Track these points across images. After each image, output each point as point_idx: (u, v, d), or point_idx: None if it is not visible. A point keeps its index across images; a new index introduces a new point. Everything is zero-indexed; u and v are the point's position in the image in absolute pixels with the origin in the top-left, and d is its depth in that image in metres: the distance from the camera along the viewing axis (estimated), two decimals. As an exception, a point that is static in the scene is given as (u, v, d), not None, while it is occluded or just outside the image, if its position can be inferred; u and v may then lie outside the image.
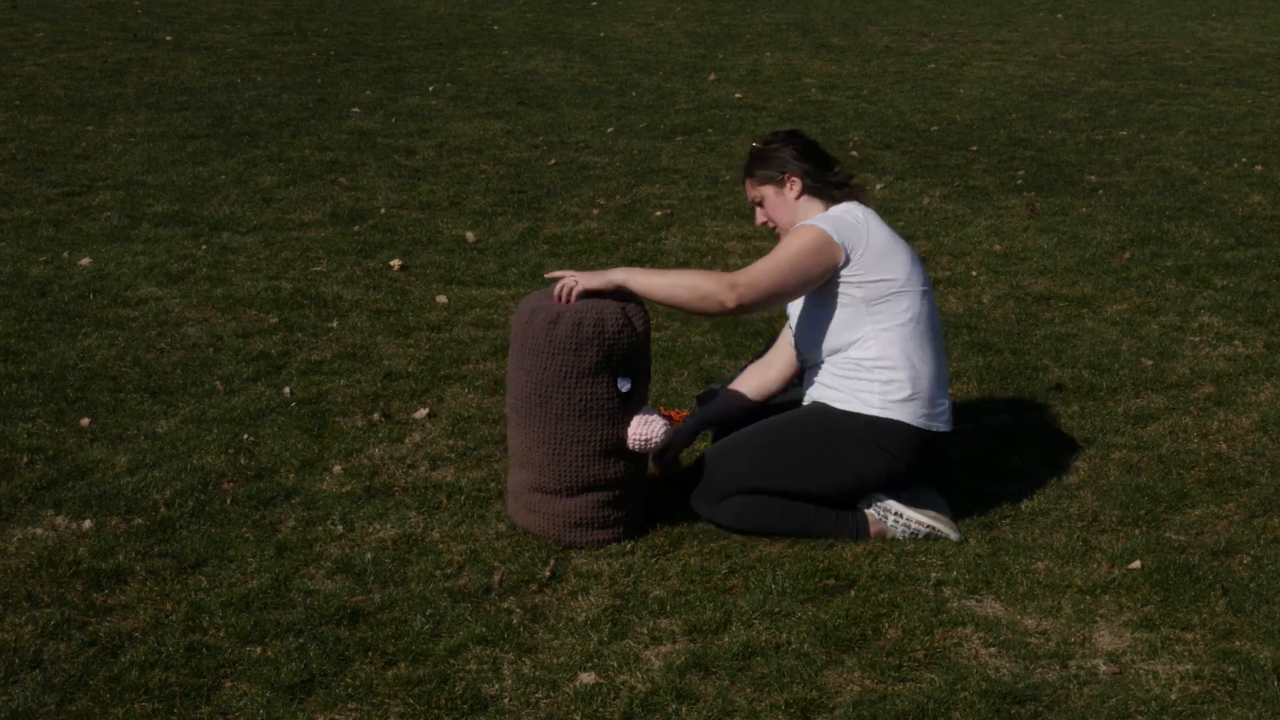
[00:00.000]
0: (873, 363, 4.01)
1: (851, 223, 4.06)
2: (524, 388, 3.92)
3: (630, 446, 3.94)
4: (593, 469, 3.91)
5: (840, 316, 4.04)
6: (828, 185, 4.17)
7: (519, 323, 3.96)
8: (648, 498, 4.09)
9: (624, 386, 3.90)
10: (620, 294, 3.95)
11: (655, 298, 3.97)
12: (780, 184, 4.18)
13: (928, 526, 4.03)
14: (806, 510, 4.04)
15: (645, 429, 3.93)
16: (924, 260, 6.51)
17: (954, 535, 4.05)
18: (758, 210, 4.26)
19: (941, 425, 4.10)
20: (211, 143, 8.35)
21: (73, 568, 3.76)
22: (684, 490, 4.13)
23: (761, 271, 3.99)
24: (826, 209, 4.15)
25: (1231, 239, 6.86)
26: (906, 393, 4.01)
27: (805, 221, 4.08)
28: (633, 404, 3.94)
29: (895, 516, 4.05)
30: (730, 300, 3.93)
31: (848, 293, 4.03)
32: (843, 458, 4.02)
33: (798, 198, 4.17)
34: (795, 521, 4.03)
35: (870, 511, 4.07)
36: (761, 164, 4.21)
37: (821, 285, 4.04)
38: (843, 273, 4.02)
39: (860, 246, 4.02)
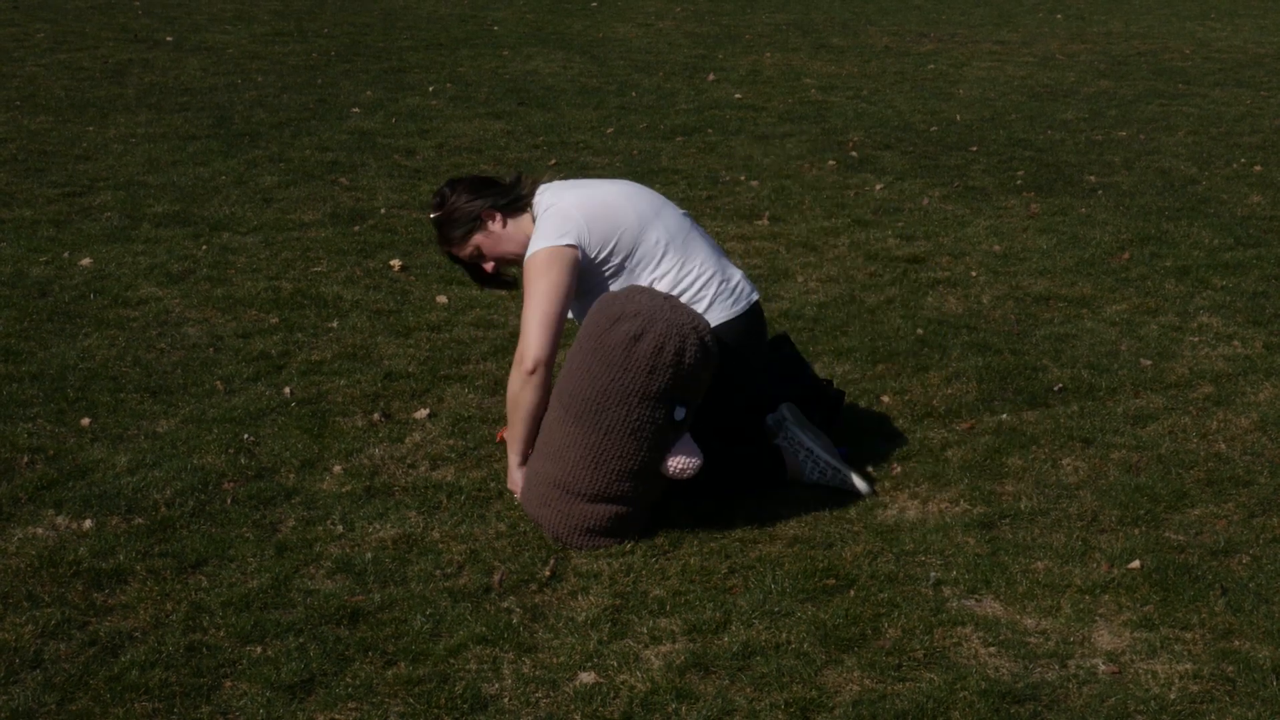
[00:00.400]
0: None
1: (555, 216, 4.12)
2: (583, 390, 3.91)
3: (667, 472, 3.95)
4: (623, 484, 3.92)
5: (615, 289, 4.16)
6: (515, 198, 4.25)
7: (597, 327, 3.94)
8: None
9: (680, 415, 3.91)
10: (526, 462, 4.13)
11: (528, 435, 4.10)
12: (482, 228, 4.25)
13: (834, 468, 4.24)
14: (726, 463, 4.19)
15: (685, 461, 3.96)
16: (923, 261, 6.53)
17: (862, 486, 4.24)
18: (484, 266, 4.32)
19: (746, 301, 4.23)
20: (212, 143, 8.36)
21: (73, 567, 3.77)
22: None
23: (528, 326, 4.04)
24: (531, 215, 4.24)
25: (1231, 239, 6.86)
26: (705, 303, 4.14)
27: (527, 255, 4.11)
28: (680, 431, 3.95)
29: (806, 452, 4.26)
30: (527, 371, 4.02)
31: (611, 264, 4.12)
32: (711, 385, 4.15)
33: (504, 226, 4.25)
34: (720, 481, 4.19)
35: (784, 445, 4.28)
36: (452, 226, 4.27)
37: (590, 281, 4.13)
38: (590, 258, 4.11)
39: (576, 226, 4.10)
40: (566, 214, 4.11)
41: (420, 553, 3.91)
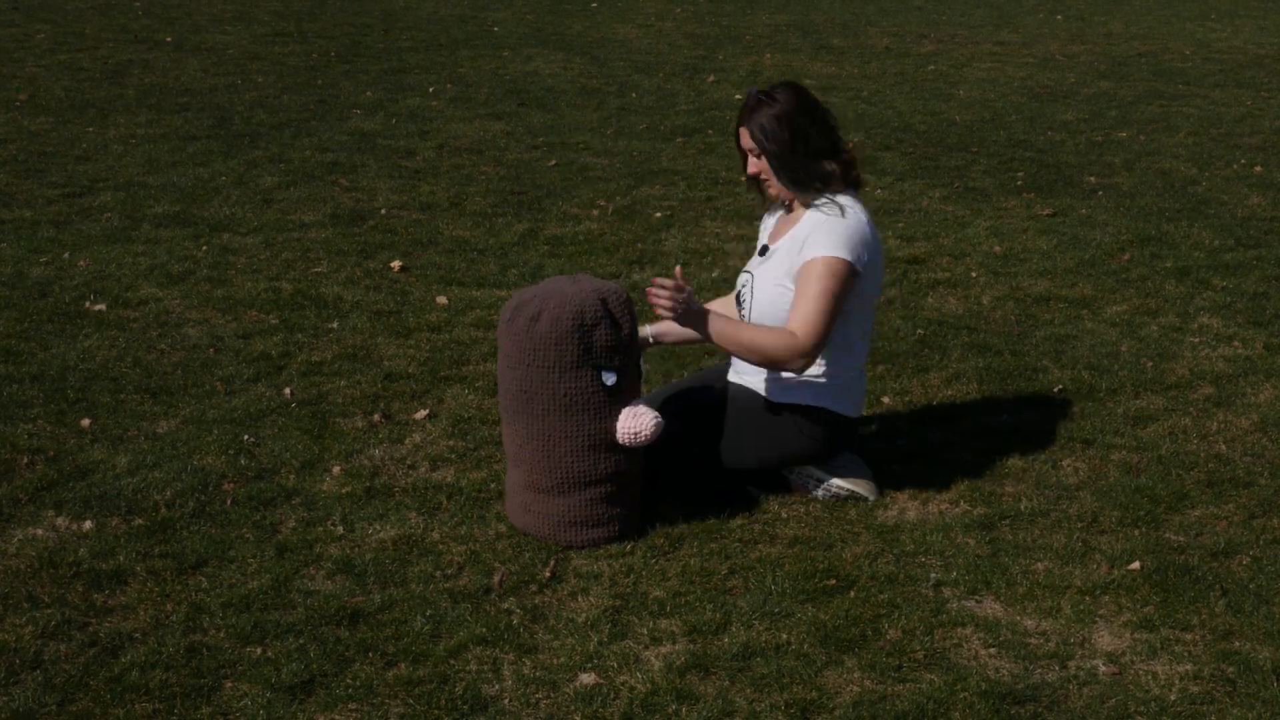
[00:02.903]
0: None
1: (865, 239, 4.07)
2: (511, 385, 3.95)
3: (620, 440, 3.94)
4: (582, 464, 3.92)
5: None
6: (819, 181, 4.15)
7: (503, 322, 3.99)
8: (645, 496, 4.09)
9: (609, 380, 3.90)
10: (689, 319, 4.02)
11: (728, 350, 4.09)
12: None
13: (848, 490, 4.22)
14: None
15: (634, 422, 3.92)
16: (923, 262, 6.53)
17: (872, 496, 4.22)
18: (751, 159, 4.17)
19: (859, 409, 4.28)
20: (212, 144, 8.36)
21: (73, 568, 3.77)
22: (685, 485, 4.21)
23: (811, 317, 3.98)
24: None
25: (1231, 240, 6.86)
26: (838, 386, 4.17)
27: (830, 253, 4.01)
28: (621, 397, 3.94)
29: (815, 481, 4.23)
30: (798, 365, 4.02)
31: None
32: (768, 440, 4.17)
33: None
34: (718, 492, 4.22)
35: (791, 477, 4.26)
36: (757, 137, 4.10)
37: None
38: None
39: (867, 253, 4.09)
40: (864, 238, 4.07)
41: (420, 554, 3.91)
